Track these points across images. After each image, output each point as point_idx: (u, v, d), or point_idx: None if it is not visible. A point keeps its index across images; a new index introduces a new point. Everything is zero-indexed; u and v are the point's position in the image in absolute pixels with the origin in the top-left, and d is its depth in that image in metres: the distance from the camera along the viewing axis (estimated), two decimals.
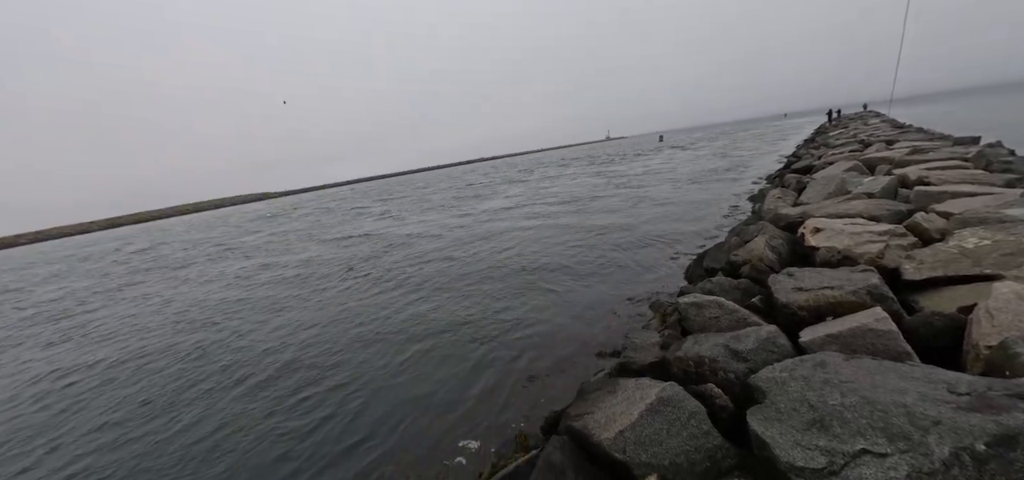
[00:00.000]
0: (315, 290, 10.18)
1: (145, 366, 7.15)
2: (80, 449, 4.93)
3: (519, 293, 7.61)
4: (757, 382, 2.59)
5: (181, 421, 5.08)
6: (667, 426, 2.60)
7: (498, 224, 15.66)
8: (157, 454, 4.52)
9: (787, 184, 10.61)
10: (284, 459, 4.09)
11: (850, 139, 17.28)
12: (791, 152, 23.63)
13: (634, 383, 3.17)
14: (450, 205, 25.73)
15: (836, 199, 6.80)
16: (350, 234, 19.97)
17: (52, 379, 7.32)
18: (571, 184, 26.35)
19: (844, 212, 5.58)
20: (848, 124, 30.34)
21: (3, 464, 4.89)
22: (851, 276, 3.63)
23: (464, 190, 36.80)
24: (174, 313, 10.45)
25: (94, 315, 11.81)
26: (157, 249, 29.44)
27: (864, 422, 2.04)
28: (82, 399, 6.28)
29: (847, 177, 8.24)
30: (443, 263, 10.78)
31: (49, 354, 8.83)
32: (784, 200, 8.70)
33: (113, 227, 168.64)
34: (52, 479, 4.43)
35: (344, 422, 4.50)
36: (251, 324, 8.37)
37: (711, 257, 6.39)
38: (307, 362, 6.00)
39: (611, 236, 10.81)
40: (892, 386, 2.20)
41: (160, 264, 20.58)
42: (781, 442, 2.11)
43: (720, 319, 3.73)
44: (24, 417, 5.98)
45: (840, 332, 2.85)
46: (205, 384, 5.97)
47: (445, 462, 3.73)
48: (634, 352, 3.84)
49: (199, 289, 12.98)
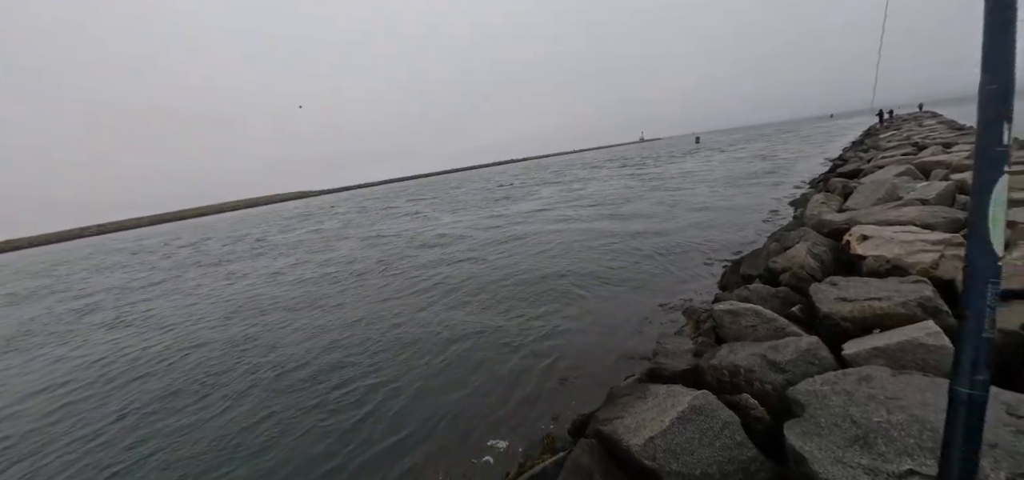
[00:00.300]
0: (353, 288, 10.51)
1: (196, 352, 7.60)
2: (141, 424, 5.35)
3: (550, 296, 7.60)
4: (796, 394, 2.50)
5: (232, 406, 5.39)
6: (699, 435, 2.55)
7: (530, 226, 15.69)
8: (210, 436, 4.82)
9: (832, 189, 10.12)
10: (325, 449, 4.26)
11: (903, 142, 16.29)
12: (837, 155, 22.50)
13: (665, 390, 3.12)
14: (482, 206, 25.99)
15: (886, 205, 6.45)
16: (385, 233, 20.50)
17: (114, 360, 7.89)
18: (604, 187, 26.05)
19: (895, 219, 5.29)
20: (901, 125, 28.59)
21: (81, 428, 5.36)
22: (901, 287, 3.44)
23: (496, 191, 37.05)
24: (222, 305, 11.04)
25: (151, 305, 12.64)
26: (202, 245, 31.14)
27: (912, 441, 1.94)
28: (140, 379, 6.77)
29: (899, 182, 7.79)
30: (477, 264, 10.90)
31: (112, 336, 9.52)
32: (828, 205, 8.31)
33: (162, 222, 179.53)
34: (120, 444, 4.80)
35: (382, 417, 4.64)
36: (293, 319, 8.74)
37: (748, 263, 6.19)
38: (349, 359, 6.20)
39: (644, 240, 10.63)
40: (944, 405, 2.07)
41: (206, 260, 21.77)
42: (820, 457, 2.04)
43: (757, 328, 3.62)
44: (96, 391, 6.50)
45: (887, 346, 2.71)
46: (253, 374, 6.28)
47: (473, 460, 3.79)
48: (666, 358, 3.78)
49: (244, 283, 13.66)
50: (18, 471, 4.77)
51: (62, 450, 5.05)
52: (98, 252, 43.43)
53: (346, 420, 4.65)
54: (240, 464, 4.23)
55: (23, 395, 6.97)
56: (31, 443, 5.32)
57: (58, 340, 10.26)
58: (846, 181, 10.24)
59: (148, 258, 27.45)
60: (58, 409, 6.19)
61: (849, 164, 14.53)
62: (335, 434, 4.43)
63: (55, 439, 5.33)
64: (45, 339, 10.63)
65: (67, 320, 12.51)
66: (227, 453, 4.43)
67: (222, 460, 4.34)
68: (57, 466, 4.74)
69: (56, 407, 6.27)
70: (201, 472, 4.20)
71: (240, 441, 4.60)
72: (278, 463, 4.18)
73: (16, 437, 5.54)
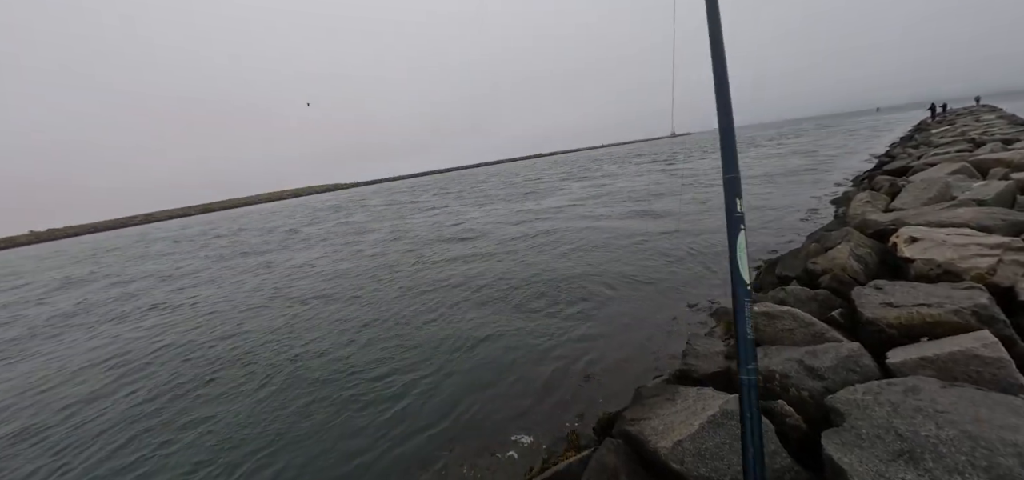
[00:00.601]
0: (386, 281, 10.73)
1: (235, 338, 7.97)
2: (190, 398, 5.73)
3: (578, 294, 7.55)
4: (835, 403, 2.40)
5: (271, 393, 5.63)
6: (730, 441, 2.48)
7: (559, 222, 15.61)
8: (249, 420, 5.07)
9: (878, 187, 9.60)
10: (357, 435, 4.41)
11: (957, 137, 15.28)
12: (883, 151, 21.32)
13: (695, 392, 3.06)
14: (510, 201, 26.05)
15: (937, 206, 6.07)
16: (414, 227, 20.84)
17: (155, 342, 8.39)
18: (633, 183, 25.60)
19: (947, 221, 4.97)
20: (955, 120, 26.80)
21: (143, 403, 5.74)
22: (953, 293, 3.23)
23: (524, 186, 37.01)
24: (261, 295, 11.52)
25: (196, 292, 13.32)
26: (240, 235, 32.48)
27: (964, 459, 1.83)
28: (190, 359, 7.20)
29: (952, 181, 7.31)
30: (504, 260, 10.93)
31: (155, 321, 10.11)
32: (874, 205, 7.90)
33: (205, 213, 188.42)
34: (165, 417, 5.11)
35: (410, 411, 4.73)
36: (328, 310, 9.02)
37: (785, 264, 5.96)
38: (383, 353, 6.32)
39: (674, 239, 10.40)
40: (1000, 421, 1.95)
41: (244, 250, 22.70)
42: (861, 471, 1.94)
43: (794, 332, 3.48)
44: (148, 367, 6.94)
45: (937, 356, 2.56)
46: (292, 361, 6.55)
47: (498, 455, 3.81)
48: (696, 360, 3.69)
49: (280, 273, 14.20)
50: (86, 429, 5.16)
51: (118, 418, 5.42)
52: (143, 240, 46.03)
53: (378, 413, 4.77)
54: (281, 450, 4.40)
55: (87, 364, 7.52)
56: (94, 408, 5.73)
57: (115, 319, 10.96)
58: (893, 179, 9.69)
59: (188, 247, 28.88)
60: (115, 382, 6.64)
61: (897, 161, 13.74)
62: (367, 426, 4.54)
63: (112, 406, 5.71)
64: (100, 317, 11.38)
65: (118, 301, 13.34)
66: (268, 438, 4.62)
67: (262, 443, 4.54)
68: (115, 428, 5.09)
69: (112, 381, 6.73)
70: (241, 456, 4.40)
71: (280, 428, 4.79)
72: (313, 442, 4.35)
73: (81, 401, 5.98)
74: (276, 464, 4.18)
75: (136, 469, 4.47)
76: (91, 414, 5.79)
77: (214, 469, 4.26)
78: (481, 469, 3.69)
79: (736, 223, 1.86)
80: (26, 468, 4.75)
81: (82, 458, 4.81)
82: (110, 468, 4.56)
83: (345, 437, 4.42)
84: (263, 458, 4.29)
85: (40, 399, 6.55)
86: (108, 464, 4.64)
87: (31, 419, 5.89)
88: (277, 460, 4.24)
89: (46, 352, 9.12)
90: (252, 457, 4.33)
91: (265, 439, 4.60)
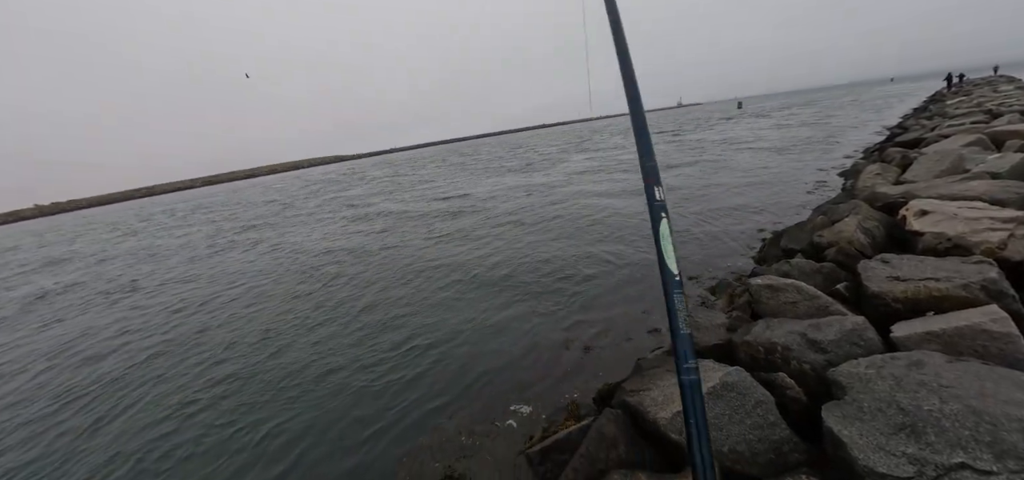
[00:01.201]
0: (395, 252, 10.77)
1: (254, 307, 8.06)
2: (211, 363, 5.83)
3: (579, 264, 7.53)
4: (837, 376, 2.38)
5: (289, 353, 5.82)
6: (730, 412, 2.48)
7: (564, 190, 15.51)
8: (261, 387, 5.16)
9: (888, 159, 9.40)
10: (357, 405, 4.47)
11: (973, 109, 14.88)
12: (896, 123, 20.83)
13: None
14: (518, 170, 25.98)
15: (950, 178, 5.94)
16: (422, 198, 20.76)
17: (171, 311, 8.50)
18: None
19: (959, 194, 4.86)
20: (972, 91, 26.06)
21: (172, 366, 5.86)
22: (962, 268, 3.17)
23: (530, 155, 36.63)
24: (277, 266, 11.59)
25: (211, 263, 13.40)
26: (246, 206, 32.50)
27: (967, 433, 1.81)
28: (207, 328, 7.28)
29: (966, 153, 7.14)
30: (512, 229, 10.93)
31: (180, 290, 10.22)
32: (884, 177, 7.74)
33: (209, 185, 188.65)
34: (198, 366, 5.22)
35: (412, 378, 4.79)
36: (338, 280, 9.09)
37: (790, 236, 5.88)
38: (387, 322, 6.39)
39: (678, 208, 10.30)
40: (1006, 396, 1.92)
41: (260, 222, 22.75)
42: (861, 444, 1.93)
43: (797, 305, 3.45)
44: (169, 333, 7.05)
45: (944, 330, 2.52)
46: (302, 325, 6.70)
47: (497, 423, 3.85)
48: (697, 332, 3.68)
49: (302, 240, 14.24)
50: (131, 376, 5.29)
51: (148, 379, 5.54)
52: (142, 212, 46.20)
53: (374, 380, 4.84)
54: (296, 415, 4.48)
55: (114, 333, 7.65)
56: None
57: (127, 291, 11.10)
58: (905, 151, 9.47)
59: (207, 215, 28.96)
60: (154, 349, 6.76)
61: (910, 132, 13.42)
62: (364, 394, 4.61)
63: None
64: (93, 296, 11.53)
65: (125, 276, 13.48)
66: (281, 405, 4.69)
67: (276, 410, 4.62)
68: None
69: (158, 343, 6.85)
70: (255, 420, 4.49)
71: (294, 394, 4.88)
72: (317, 406, 4.44)
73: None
74: (265, 428, 4.28)
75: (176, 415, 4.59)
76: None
77: (242, 432, 4.36)
78: (479, 436, 3.73)
79: (657, 211, 1.77)
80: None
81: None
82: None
83: (345, 407, 4.48)
84: (275, 426, 4.38)
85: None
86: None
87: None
88: (264, 427, 4.33)
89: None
90: (261, 424, 4.42)
91: (277, 406, 4.69)
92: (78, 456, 4.39)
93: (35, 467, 4.31)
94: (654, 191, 1.81)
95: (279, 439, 4.13)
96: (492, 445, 3.64)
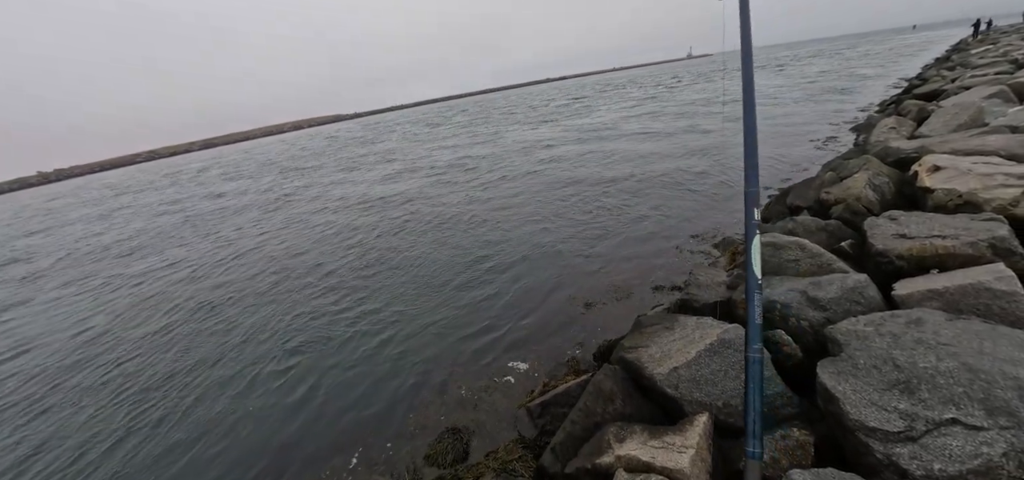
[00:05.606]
0: (383, 215, 10.77)
1: (262, 270, 8.20)
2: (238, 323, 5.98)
3: (579, 221, 7.52)
4: (834, 333, 2.38)
5: (316, 301, 6.04)
6: (726, 369, 2.51)
7: (564, 149, 15.28)
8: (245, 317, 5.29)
9: (905, 112, 9.07)
10: (361, 362, 4.60)
11: (999, 58, 14.19)
12: (915, 73, 20.00)
13: (694, 322, 3.07)
14: (528, 121, 25.96)
15: (967, 132, 5.74)
16: (423, 160, 20.58)
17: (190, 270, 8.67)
18: (651, 108, 24.61)
19: (975, 148, 4.70)
20: (999, 39, 24.80)
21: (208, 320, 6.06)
22: (971, 224, 3.11)
23: (539, 111, 35.86)
24: (298, 228, 11.68)
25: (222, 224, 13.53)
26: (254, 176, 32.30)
27: (960, 390, 1.82)
28: (230, 288, 7.43)
29: (987, 105, 6.87)
30: (511, 188, 10.93)
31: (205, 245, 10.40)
32: (899, 131, 7.50)
33: (208, 148, 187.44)
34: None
35: (412, 331, 4.93)
36: (345, 237, 9.17)
37: (797, 193, 5.78)
38: (382, 279, 6.54)
39: (680, 162, 10.12)
40: (1004, 355, 1.92)
41: (277, 189, 22.71)
42: (853, 398, 1.96)
43: (800, 262, 3.42)
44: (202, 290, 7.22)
45: (946, 288, 2.49)
46: (326, 284, 6.90)
47: (496, 378, 3.94)
48: (697, 290, 3.69)
49: (301, 209, 14.29)
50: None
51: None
52: (145, 177, 46.17)
53: (374, 334, 4.98)
54: (324, 371, 4.62)
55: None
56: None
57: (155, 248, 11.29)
58: (923, 104, 9.13)
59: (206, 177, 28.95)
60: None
61: (929, 84, 12.88)
62: (366, 351, 4.74)
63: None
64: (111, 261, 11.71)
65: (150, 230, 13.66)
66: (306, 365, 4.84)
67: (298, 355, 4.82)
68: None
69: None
70: (271, 369, 4.66)
71: (320, 326, 5.08)
72: (326, 366, 4.58)
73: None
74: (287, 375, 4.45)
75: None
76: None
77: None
78: (478, 391, 3.83)
79: (753, 229, 2.20)
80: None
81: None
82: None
83: (345, 363, 4.61)
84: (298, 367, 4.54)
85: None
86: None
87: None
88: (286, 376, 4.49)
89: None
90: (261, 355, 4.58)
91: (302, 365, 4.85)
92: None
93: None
94: (753, 212, 2.21)
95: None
96: (491, 398, 3.73)
